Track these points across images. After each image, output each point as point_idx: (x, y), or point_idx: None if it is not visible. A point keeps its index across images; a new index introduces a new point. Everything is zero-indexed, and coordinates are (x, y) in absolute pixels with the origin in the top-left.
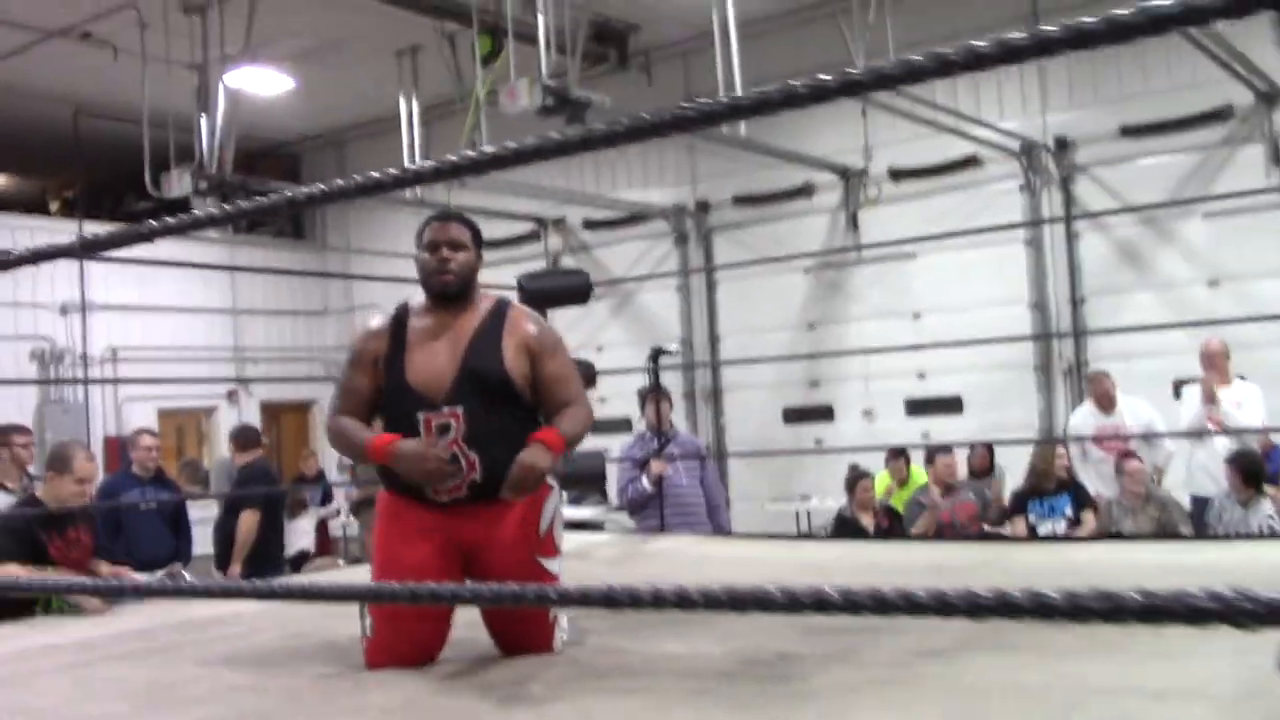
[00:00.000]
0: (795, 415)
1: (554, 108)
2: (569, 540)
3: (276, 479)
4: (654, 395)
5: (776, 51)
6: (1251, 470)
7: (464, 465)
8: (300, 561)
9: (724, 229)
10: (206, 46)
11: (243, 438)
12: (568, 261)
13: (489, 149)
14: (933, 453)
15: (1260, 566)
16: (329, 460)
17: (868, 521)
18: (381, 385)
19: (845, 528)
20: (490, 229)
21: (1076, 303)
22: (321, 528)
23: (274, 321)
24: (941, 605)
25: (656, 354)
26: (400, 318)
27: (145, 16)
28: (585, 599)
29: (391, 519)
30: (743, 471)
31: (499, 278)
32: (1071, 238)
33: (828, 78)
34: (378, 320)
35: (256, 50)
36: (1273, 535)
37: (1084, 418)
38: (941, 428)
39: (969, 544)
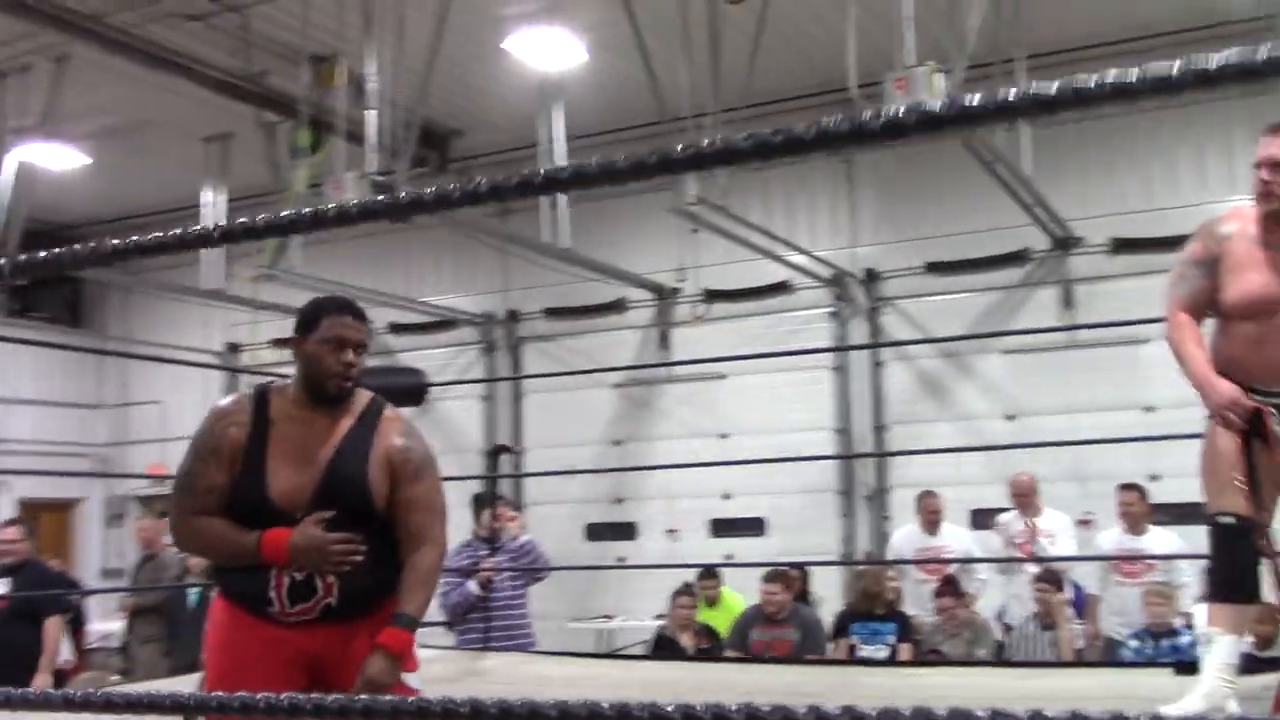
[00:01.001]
0: (598, 532)
1: None
2: None
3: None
4: (490, 501)
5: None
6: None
7: (319, 587)
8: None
9: (534, 340)
10: (3, 116)
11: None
12: (369, 365)
13: (319, 207)
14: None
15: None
16: (84, 564)
17: (687, 641)
18: (235, 480)
19: (664, 647)
20: (284, 328)
21: (879, 430)
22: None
23: (42, 413)
24: None
25: (497, 451)
26: (262, 406)
27: None
28: (448, 714)
29: (230, 630)
30: (542, 588)
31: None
32: (877, 366)
33: (642, 155)
34: (235, 402)
35: (54, 124)
36: (1090, 663)
37: (908, 538)
38: (745, 549)
39: (812, 668)
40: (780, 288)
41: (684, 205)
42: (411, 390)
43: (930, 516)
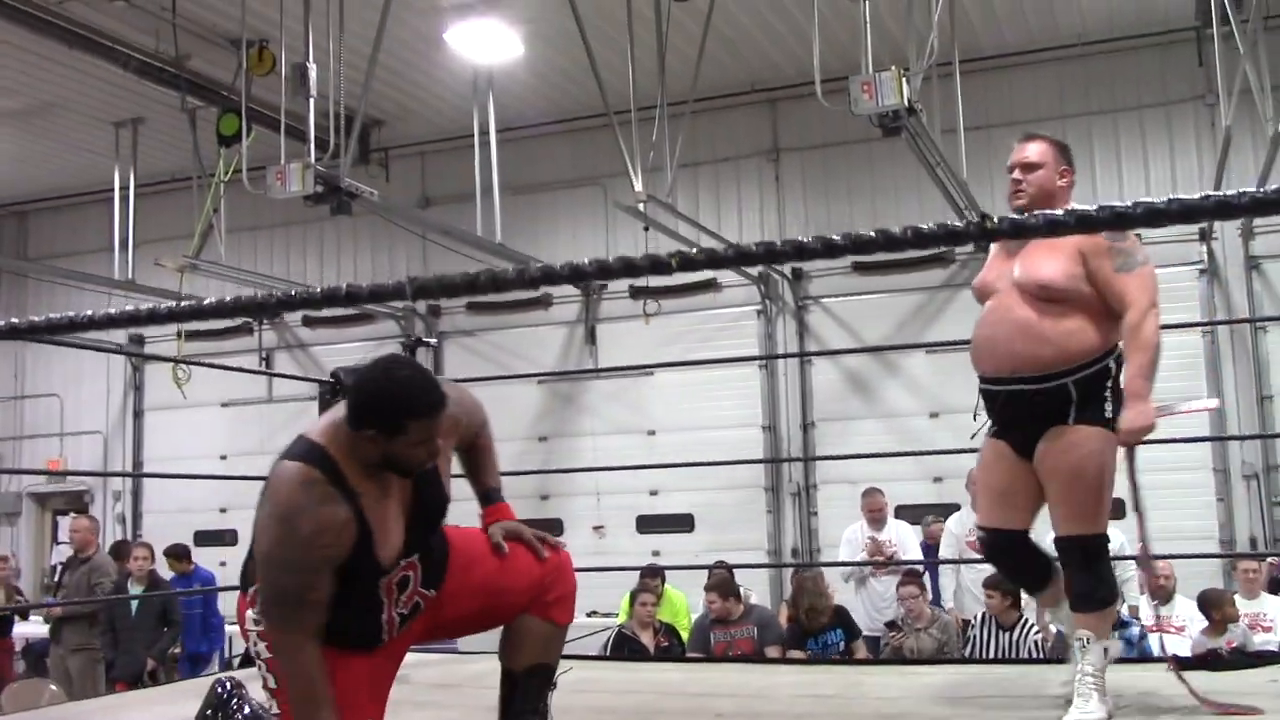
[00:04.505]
0: None
1: (323, 195)
2: None
3: None
4: None
5: (544, 155)
6: (1015, 594)
7: (423, 605)
8: None
9: (455, 335)
10: None
11: None
12: (283, 359)
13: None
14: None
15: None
16: None
17: (648, 640)
18: (344, 566)
19: (623, 646)
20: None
21: (806, 427)
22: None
23: None
24: None
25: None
26: (344, 486)
27: None
28: None
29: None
30: None
31: (203, 388)
32: (804, 364)
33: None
34: (322, 498)
35: None
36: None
37: (858, 533)
38: (672, 545)
39: (811, 667)
40: (708, 285)
41: (634, 202)
42: None
43: (874, 514)
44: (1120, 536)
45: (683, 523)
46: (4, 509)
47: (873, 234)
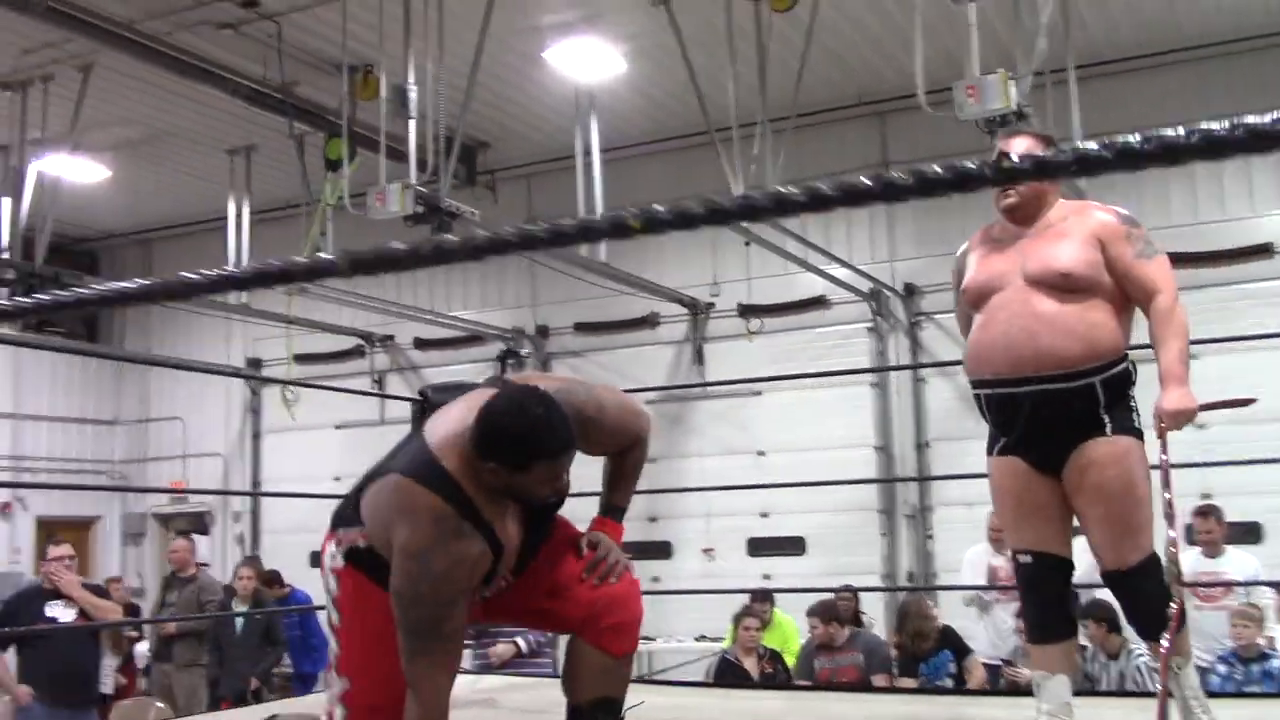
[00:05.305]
0: (633, 552)
1: (424, 215)
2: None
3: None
4: None
5: (648, 172)
6: (1112, 620)
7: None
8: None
9: (564, 355)
10: (24, 127)
11: None
12: (394, 382)
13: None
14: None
15: None
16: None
17: (751, 666)
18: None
19: (728, 672)
20: (309, 343)
21: (920, 447)
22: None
23: (58, 430)
24: None
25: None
26: (476, 516)
27: None
28: None
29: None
30: None
31: (318, 411)
32: (917, 383)
33: (693, 205)
34: (462, 536)
35: (78, 135)
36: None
37: (980, 556)
38: (784, 569)
39: (917, 696)
40: (817, 302)
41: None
42: None
43: (998, 534)
44: (1254, 562)
45: (794, 545)
46: (131, 529)
47: (902, 175)
